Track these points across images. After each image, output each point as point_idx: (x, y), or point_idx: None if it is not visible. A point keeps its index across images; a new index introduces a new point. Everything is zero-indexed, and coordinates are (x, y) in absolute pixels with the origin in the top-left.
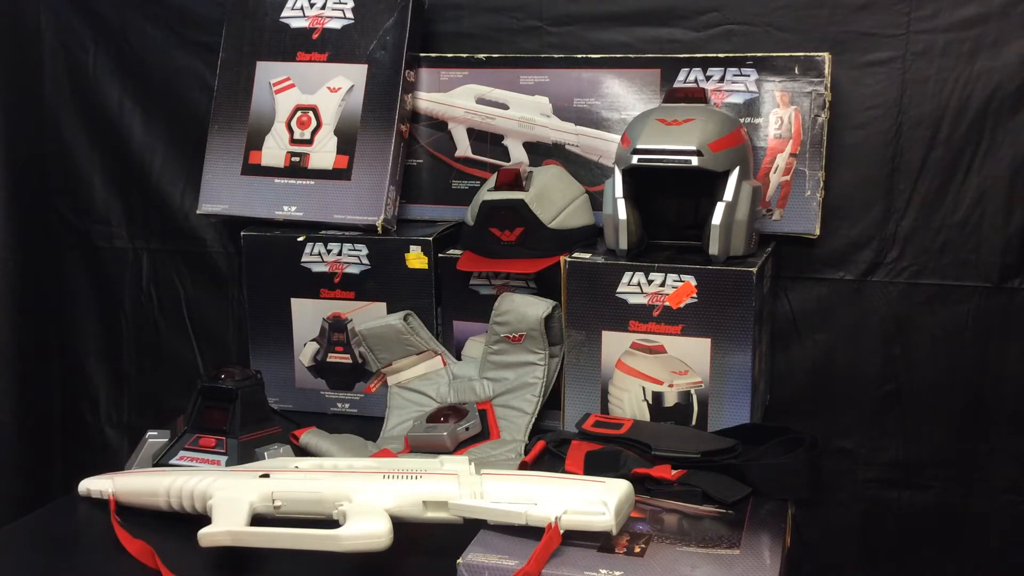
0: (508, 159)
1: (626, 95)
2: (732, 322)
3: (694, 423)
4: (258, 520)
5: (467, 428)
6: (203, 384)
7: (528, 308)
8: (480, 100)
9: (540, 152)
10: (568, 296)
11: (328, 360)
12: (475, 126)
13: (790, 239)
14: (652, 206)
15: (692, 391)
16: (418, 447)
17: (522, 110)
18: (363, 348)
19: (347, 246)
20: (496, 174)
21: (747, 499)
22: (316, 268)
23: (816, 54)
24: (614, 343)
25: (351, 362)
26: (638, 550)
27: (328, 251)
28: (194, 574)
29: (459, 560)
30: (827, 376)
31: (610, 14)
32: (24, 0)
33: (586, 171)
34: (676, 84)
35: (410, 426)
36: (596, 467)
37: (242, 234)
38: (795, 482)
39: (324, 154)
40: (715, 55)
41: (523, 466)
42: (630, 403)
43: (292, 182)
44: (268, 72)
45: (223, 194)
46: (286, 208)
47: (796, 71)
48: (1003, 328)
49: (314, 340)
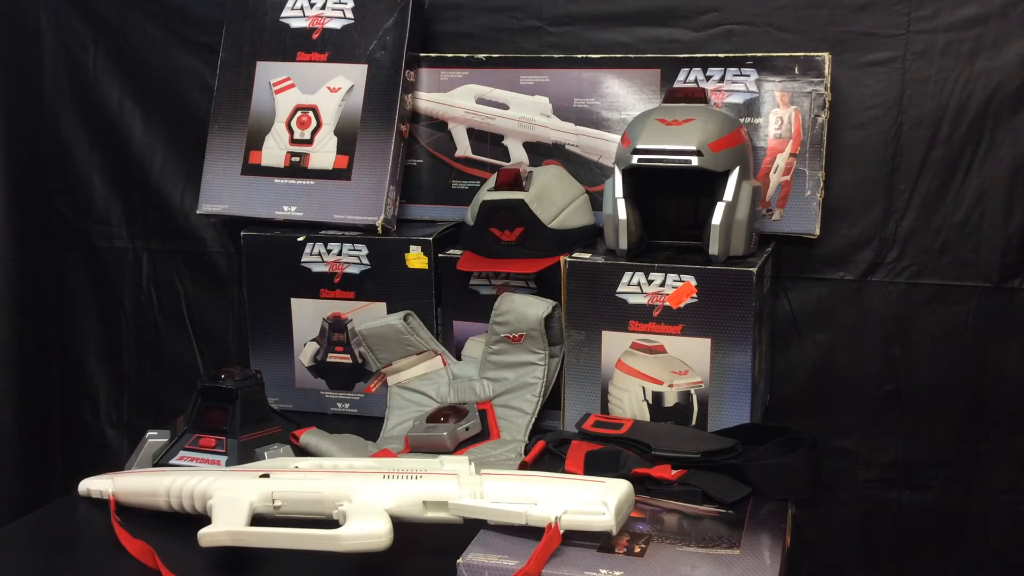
0: (508, 159)
1: (626, 95)
2: (732, 322)
3: (694, 423)
4: (258, 520)
5: (467, 428)
6: (203, 384)
7: (528, 308)
8: (480, 100)
9: (540, 152)
10: (568, 296)
11: (328, 360)
12: (475, 126)
13: (790, 239)
14: (652, 206)
15: (692, 391)
16: (418, 447)
17: (522, 110)
18: (363, 348)
19: (347, 246)
20: (496, 174)
21: (747, 499)
22: (316, 268)
23: (816, 54)
24: (614, 343)
25: (351, 362)
26: (638, 550)
27: (328, 251)
28: (194, 574)
29: (459, 560)
30: (827, 376)
31: (610, 14)
32: (24, 0)
33: (586, 171)
34: (676, 84)
35: (410, 426)
36: (596, 467)
37: (242, 234)
38: (795, 482)
39: (324, 154)
40: (715, 55)
41: (523, 466)
42: (630, 403)
43: (292, 182)
44: (268, 72)
45: (223, 194)
46: (286, 208)
47: (796, 71)
48: (1003, 328)
49: (314, 340)
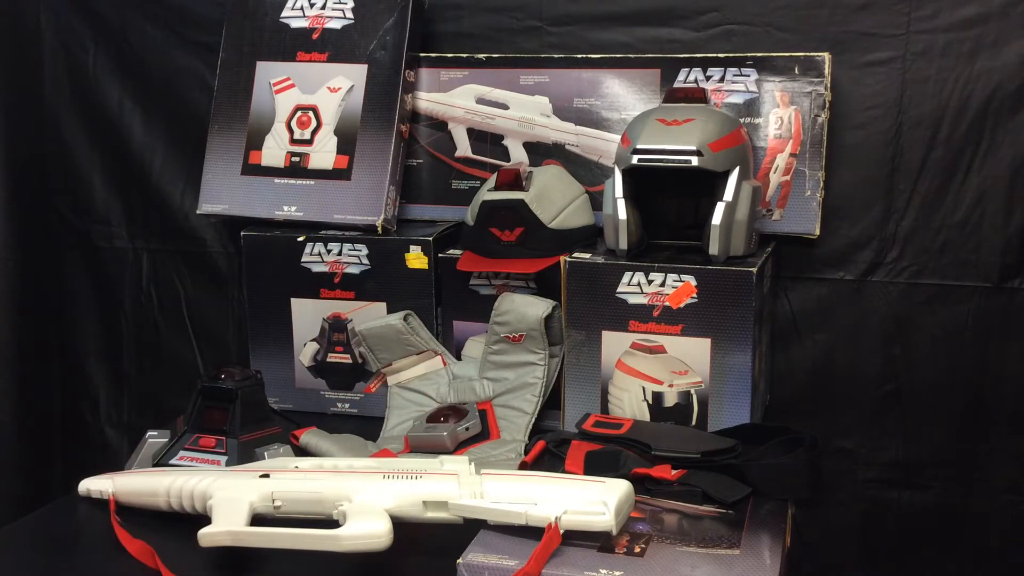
0: (508, 159)
1: (626, 95)
2: (732, 322)
3: (694, 423)
4: (258, 520)
5: (467, 428)
6: (203, 384)
7: (528, 308)
8: (480, 100)
9: (540, 152)
10: (568, 296)
11: (328, 360)
12: (475, 126)
13: (790, 239)
14: (652, 206)
15: (692, 391)
16: (418, 447)
17: (522, 110)
18: (363, 348)
19: (347, 246)
20: (496, 174)
21: (747, 499)
22: (316, 268)
23: (816, 54)
24: (614, 343)
25: (351, 362)
26: (638, 550)
27: (328, 251)
28: (194, 574)
29: (459, 560)
30: (827, 376)
31: (610, 14)
32: (24, 0)
33: (586, 171)
34: (676, 84)
35: (410, 426)
36: (596, 467)
37: (242, 234)
38: (795, 482)
39: (324, 154)
40: (715, 55)
41: (523, 466)
42: (630, 403)
43: (292, 182)
44: (268, 72)
45: (223, 194)
46: (286, 208)
47: (796, 71)
48: (1003, 328)
49: (314, 340)
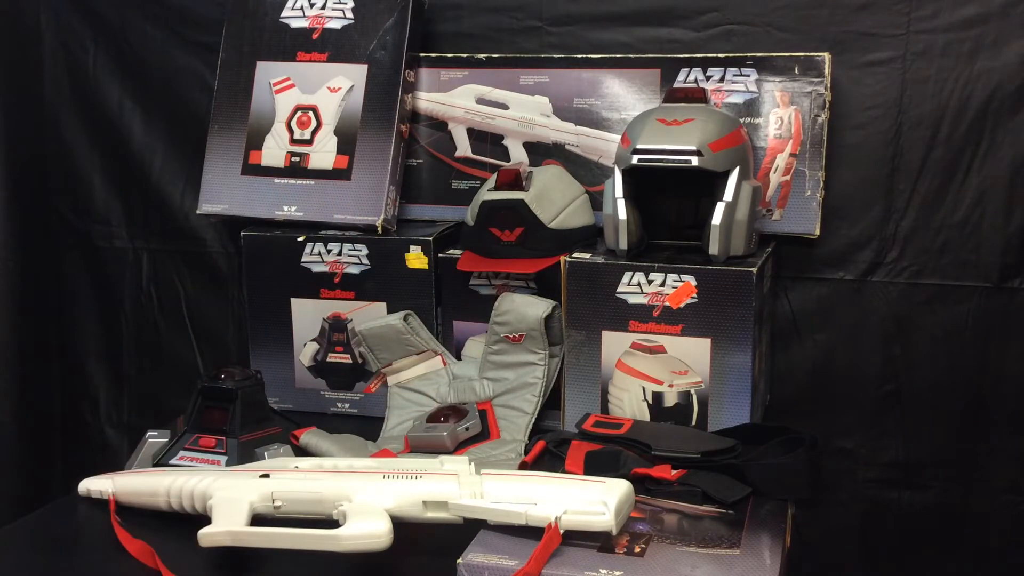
0: (508, 159)
1: (626, 95)
2: (732, 322)
3: (694, 423)
4: (258, 520)
5: (467, 428)
6: (203, 384)
7: (528, 308)
8: (480, 100)
9: (540, 152)
10: (568, 296)
11: (328, 360)
12: (475, 126)
13: (790, 239)
14: (652, 206)
15: (692, 391)
16: (418, 447)
17: (522, 110)
18: (363, 348)
19: (347, 246)
20: (496, 174)
21: (747, 499)
22: (316, 268)
23: (816, 54)
24: (614, 343)
25: (351, 362)
26: (638, 550)
27: (328, 251)
28: (194, 574)
29: (459, 560)
30: (827, 376)
31: (610, 14)
32: (24, 0)
33: (586, 171)
34: (676, 84)
35: (410, 426)
36: (596, 467)
37: (242, 234)
38: (795, 482)
39: (324, 154)
40: (715, 55)
41: (523, 466)
42: (630, 403)
43: (292, 182)
44: (268, 72)
45: (223, 194)
46: (286, 208)
47: (796, 71)
48: (1003, 328)
49: (314, 340)
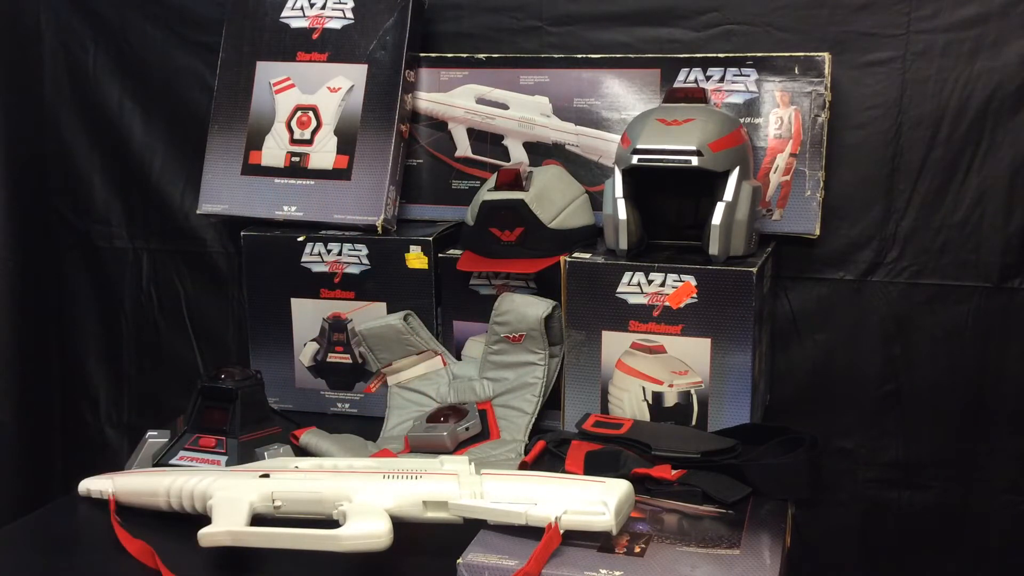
0: (508, 159)
1: (626, 95)
2: (732, 322)
3: (694, 423)
4: (258, 520)
5: (467, 428)
6: (203, 384)
7: (528, 308)
8: (480, 100)
9: (540, 152)
10: (568, 296)
11: (328, 360)
12: (475, 126)
13: (790, 239)
14: (652, 206)
15: (692, 391)
16: (418, 447)
17: (522, 110)
18: (363, 348)
19: (347, 246)
20: (496, 174)
21: (747, 499)
22: (316, 268)
23: (816, 54)
24: (614, 343)
25: (351, 362)
26: (638, 550)
27: (328, 251)
28: (194, 574)
29: (459, 560)
30: (827, 376)
31: (610, 14)
32: (24, 0)
33: (586, 171)
34: (676, 84)
35: (410, 426)
36: (596, 467)
37: (242, 234)
38: (795, 482)
39: (324, 154)
40: (715, 55)
41: (523, 466)
42: (630, 403)
43: (292, 182)
44: (268, 72)
45: (223, 194)
46: (286, 208)
47: (796, 71)
48: (1003, 328)
49: (314, 340)
